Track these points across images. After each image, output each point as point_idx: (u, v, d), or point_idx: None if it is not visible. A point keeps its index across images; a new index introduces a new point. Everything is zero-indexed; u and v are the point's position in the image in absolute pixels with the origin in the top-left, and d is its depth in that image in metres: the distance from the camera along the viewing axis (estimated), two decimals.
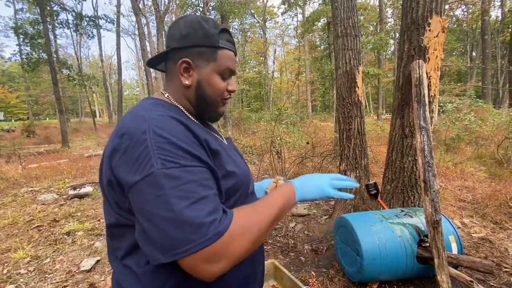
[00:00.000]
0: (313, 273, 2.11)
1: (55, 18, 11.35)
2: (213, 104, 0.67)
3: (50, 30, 11.70)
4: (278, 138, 4.79)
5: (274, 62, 31.36)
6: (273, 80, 28.14)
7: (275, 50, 32.81)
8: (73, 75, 12.10)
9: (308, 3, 17.20)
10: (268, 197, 0.63)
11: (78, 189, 4.27)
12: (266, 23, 25.34)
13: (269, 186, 0.99)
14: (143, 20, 13.43)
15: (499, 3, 16.65)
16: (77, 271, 2.26)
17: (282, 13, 20.34)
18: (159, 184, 0.46)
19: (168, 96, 0.67)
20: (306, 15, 19.91)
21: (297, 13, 23.18)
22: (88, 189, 4.32)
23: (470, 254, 2.31)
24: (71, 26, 11.85)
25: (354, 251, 1.82)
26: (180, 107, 0.66)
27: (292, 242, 2.60)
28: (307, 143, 5.46)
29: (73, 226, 3.08)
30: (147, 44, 12.45)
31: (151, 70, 11.32)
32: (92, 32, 12.59)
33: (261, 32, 24.54)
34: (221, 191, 0.56)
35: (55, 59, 11.27)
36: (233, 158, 0.66)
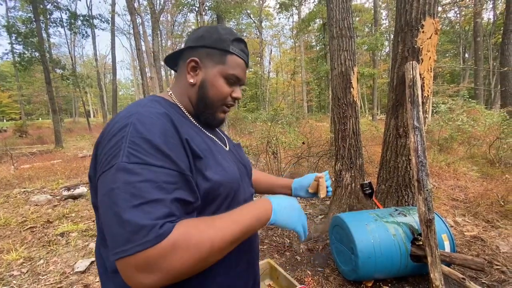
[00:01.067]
0: (308, 272, 2.13)
1: (49, 16, 11.21)
2: (212, 106, 0.66)
3: (43, 28, 11.53)
4: (274, 138, 4.80)
5: (270, 63, 31.43)
6: (269, 80, 28.19)
7: (271, 50, 32.89)
8: (67, 75, 11.97)
9: (304, 3, 17.29)
10: (235, 212, 0.55)
11: (72, 190, 4.22)
12: (262, 23, 25.39)
13: (311, 185, 0.87)
14: (138, 19, 13.34)
15: (491, 6, 16.95)
16: (71, 273, 2.24)
17: (278, 13, 20.38)
18: (117, 177, 0.45)
19: (171, 94, 0.68)
20: (301, 16, 20.01)
21: (292, 13, 23.28)
22: (82, 189, 4.27)
23: (463, 252, 2.35)
24: (65, 24, 11.71)
25: (349, 250, 1.84)
26: (180, 105, 0.66)
27: (288, 241, 2.62)
28: (303, 143, 5.48)
29: (67, 227, 3.05)
30: (142, 43, 12.35)
31: (146, 70, 11.25)
32: (86, 32, 12.47)
33: (257, 33, 24.55)
34: (196, 197, 0.52)
35: (48, 58, 11.12)
36: (221, 163, 0.61)
